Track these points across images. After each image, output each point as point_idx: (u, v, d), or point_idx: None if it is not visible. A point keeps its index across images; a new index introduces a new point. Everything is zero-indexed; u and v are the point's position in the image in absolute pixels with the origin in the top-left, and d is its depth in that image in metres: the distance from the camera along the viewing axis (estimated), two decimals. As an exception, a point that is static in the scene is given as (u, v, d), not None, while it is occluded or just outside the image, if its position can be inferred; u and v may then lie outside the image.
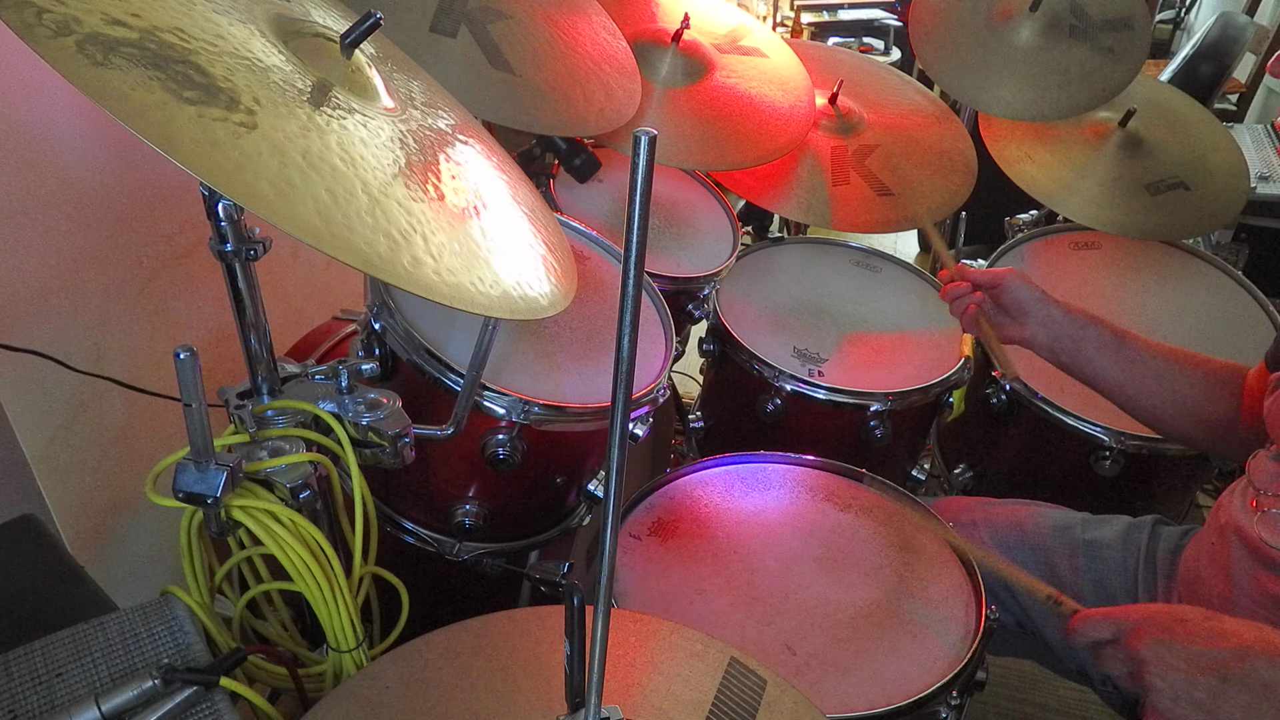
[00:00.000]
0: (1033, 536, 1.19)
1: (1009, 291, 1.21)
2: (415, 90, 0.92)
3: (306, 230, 0.62)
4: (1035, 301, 1.19)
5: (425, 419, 0.99)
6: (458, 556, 1.22)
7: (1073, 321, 1.18)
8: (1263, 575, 0.94)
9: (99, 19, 0.60)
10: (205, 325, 1.48)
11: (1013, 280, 1.21)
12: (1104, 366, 1.16)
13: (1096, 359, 1.17)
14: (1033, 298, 1.19)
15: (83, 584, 0.98)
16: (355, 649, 0.90)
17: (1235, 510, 0.99)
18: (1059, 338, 1.18)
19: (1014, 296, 1.20)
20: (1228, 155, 1.76)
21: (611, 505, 0.53)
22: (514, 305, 0.79)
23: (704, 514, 1.11)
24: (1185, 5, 4.90)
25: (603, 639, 0.56)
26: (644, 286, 1.11)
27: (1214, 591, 1.00)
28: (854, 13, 4.62)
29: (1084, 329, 1.17)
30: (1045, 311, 1.19)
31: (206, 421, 0.76)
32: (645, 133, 0.42)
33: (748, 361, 1.43)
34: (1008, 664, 1.60)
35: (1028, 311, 1.20)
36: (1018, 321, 1.21)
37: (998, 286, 1.22)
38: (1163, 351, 1.15)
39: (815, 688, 0.89)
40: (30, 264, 1.18)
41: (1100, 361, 1.16)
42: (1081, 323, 1.18)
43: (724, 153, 1.53)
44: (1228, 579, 0.98)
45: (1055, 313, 1.19)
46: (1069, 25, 1.70)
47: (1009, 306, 1.22)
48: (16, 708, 0.72)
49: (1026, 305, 1.20)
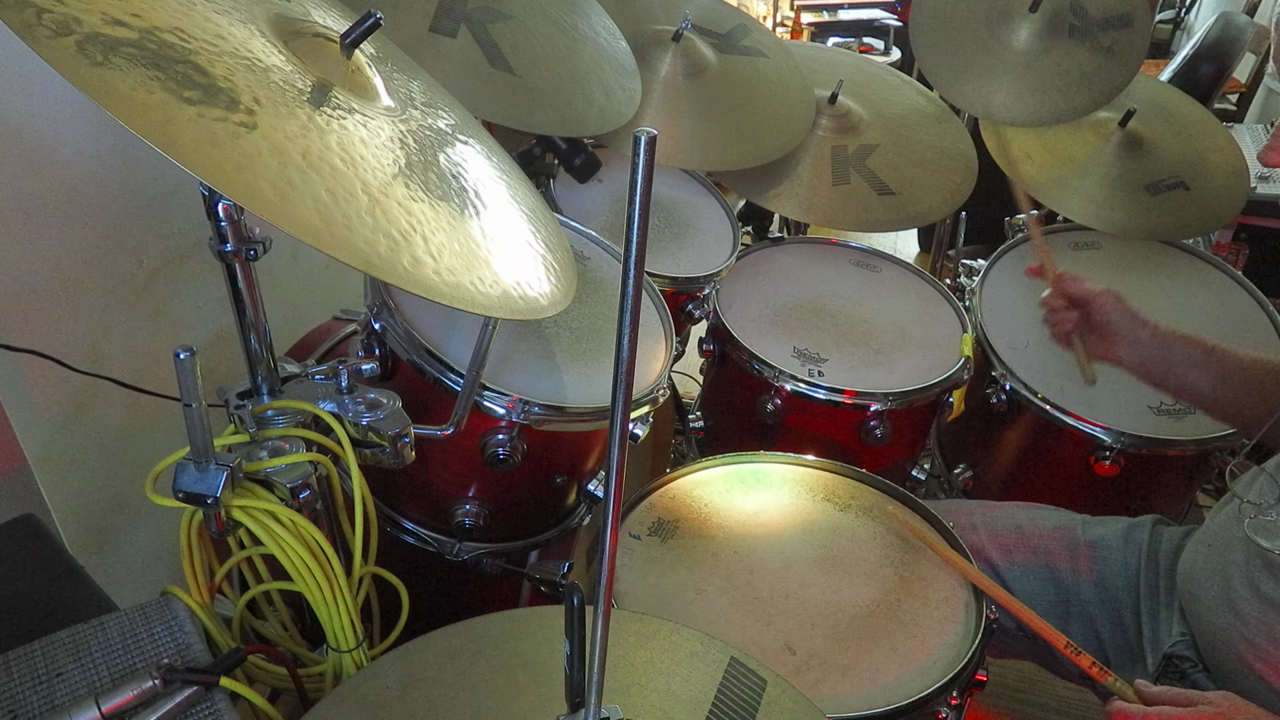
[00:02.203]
0: (1033, 538, 1.19)
1: (1101, 311, 1.24)
2: (415, 90, 0.92)
3: (306, 230, 0.62)
4: (1126, 324, 1.23)
5: (425, 419, 0.99)
6: (458, 556, 1.22)
7: (1160, 343, 1.21)
8: (1257, 576, 0.94)
9: (99, 19, 0.60)
10: (205, 325, 1.48)
11: (1106, 300, 1.24)
12: (1195, 381, 1.19)
13: (1188, 375, 1.19)
14: (1124, 320, 1.23)
15: (83, 584, 0.98)
16: (355, 649, 0.90)
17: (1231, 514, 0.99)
18: (1149, 359, 1.21)
19: (1105, 317, 1.24)
20: (1228, 155, 1.76)
21: (611, 505, 0.53)
22: (514, 305, 0.79)
23: (704, 514, 1.11)
24: (1185, 5, 4.90)
25: (603, 639, 0.56)
26: (644, 286, 1.11)
27: (1212, 595, 1.00)
28: (854, 13, 4.63)
29: (1171, 349, 1.20)
30: (1134, 334, 1.22)
31: (206, 421, 0.76)
32: (645, 133, 0.42)
33: (748, 361, 1.43)
34: (1008, 664, 1.60)
35: (1117, 332, 1.23)
36: (1106, 340, 1.25)
37: (1090, 305, 1.25)
38: (1250, 361, 1.17)
39: (815, 688, 0.89)
40: (30, 264, 1.18)
41: (1191, 377, 1.19)
42: (1169, 343, 1.20)
43: (724, 153, 1.53)
44: (1224, 581, 0.98)
45: (1143, 335, 1.22)
46: (1068, 25, 1.70)
47: (1099, 325, 1.25)
48: (16, 708, 0.72)
49: (1117, 327, 1.23)
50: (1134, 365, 1.23)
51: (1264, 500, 0.96)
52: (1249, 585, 0.94)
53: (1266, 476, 0.99)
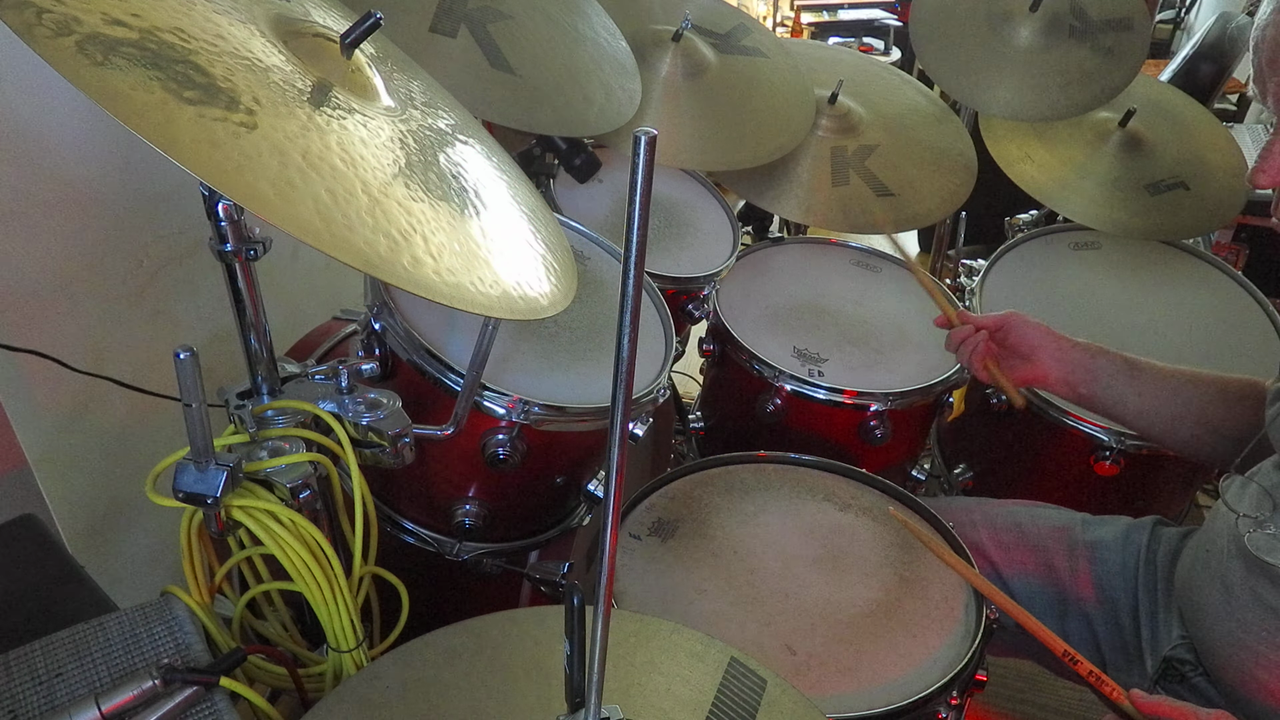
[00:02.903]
0: (1032, 537, 1.19)
1: (1015, 330, 1.18)
2: (415, 90, 0.92)
3: (306, 230, 0.62)
4: (1044, 337, 1.17)
5: (425, 419, 0.99)
6: (458, 556, 1.22)
7: (1084, 351, 1.16)
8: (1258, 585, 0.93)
9: (99, 19, 0.60)
10: (205, 325, 1.48)
11: (1017, 320, 1.18)
12: (1122, 394, 1.14)
13: (1114, 387, 1.14)
14: (1040, 334, 1.17)
15: (83, 584, 0.98)
16: (355, 649, 0.90)
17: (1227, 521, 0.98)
18: (1074, 370, 1.16)
19: (1021, 336, 1.18)
20: (1227, 155, 1.76)
21: (611, 505, 0.53)
22: (514, 305, 0.79)
23: (704, 514, 1.11)
24: (1185, 5, 4.90)
25: (603, 639, 0.56)
26: (644, 286, 1.11)
27: (1212, 602, 0.99)
28: (854, 13, 4.63)
29: (1096, 358, 1.15)
30: (1055, 346, 1.17)
31: (206, 421, 0.76)
32: (645, 132, 0.42)
33: (748, 361, 1.43)
34: (1008, 664, 1.60)
35: (1037, 347, 1.17)
36: (1029, 361, 1.19)
37: (1002, 328, 1.19)
38: (1176, 373, 1.13)
39: (815, 688, 0.89)
40: (30, 264, 1.18)
41: (1118, 389, 1.14)
42: (1093, 351, 1.16)
43: (724, 153, 1.53)
44: (1224, 588, 0.97)
45: (1065, 345, 1.16)
46: (1069, 25, 1.70)
47: (1017, 346, 1.19)
48: (16, 708, 0.72)
49: (1035, 342, 1.17)
50: (1061, 380, 1.17)
51: (1260, 514, 0.94)
52: (1251, 593, 0.93)
53: (1257, 487, 0.96)
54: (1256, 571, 0.93)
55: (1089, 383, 1.16)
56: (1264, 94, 0.88)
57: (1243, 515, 0.95)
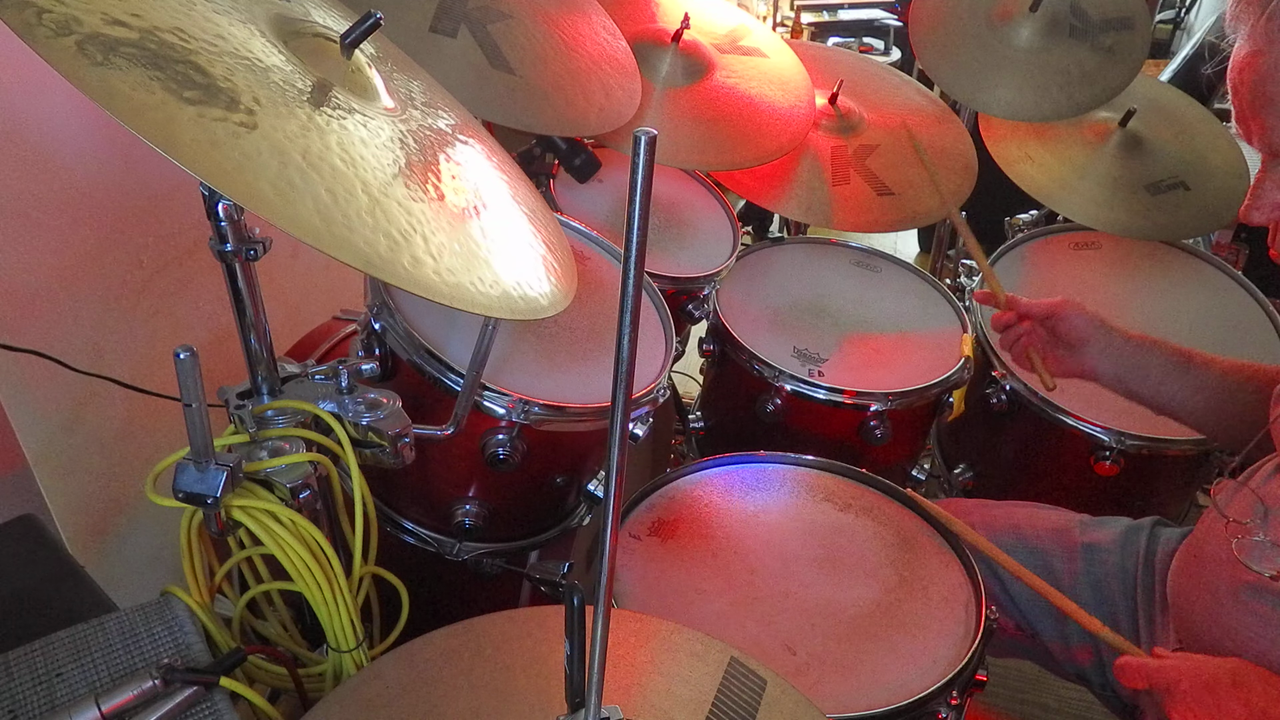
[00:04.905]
0: (1030, 538, 1.19)
1: (1066, 321, 1.15)
2: (415, 90, 0.92)
3: (306, 230, 0.62)
4: (1096, 330, 1.13)
5: (425, 419, 0.99)
6: (458, 556, 1.22)
7: (1136, 347, 1.12)
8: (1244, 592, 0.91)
9: (99, 19, 0.60)
10: (205, 325, 1.48)
11: (1069, 310, 1.14)
12: (1174, 390, 1.10)
13: (1166, 383, 1.11)
14: (1092, 327, 1.13)
15: (83, 584, 0.98)
16: (355, 649, 0.90)
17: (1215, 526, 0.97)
18: (1125, 366, 1.12)
19: (1072, 326, 1.14)
20: (1227, 155, 1.76)
21: (611, 505, 0.53)
22: (514, 305, 0.79)
23: (704, 514, 1.11)
24: (1185, 5, 4.90)
25: (603, 639, 0.56)
26: (644, 286, 1.11)
27: (1198, 605, 0.98)
28: (854, 13, 4.62)
29: (1148, 354, 1.11)
30: (1107, 340, 1.13)
31: (206, 421, 0.76)
32: (645, 133, 0.42)
33: (748, 361, 1.43)
34: (1008, 664, 1.60)
35: (1088, 341, 1.14)
36: (1077, 353, 1.15)
37: (1053, 318, 1.15)
38: (1226, 367, 1.10)
39: (815, 688, 0.89)
40: (30, 264, 1.18)
41: (1169, 386, 1.10)
42: (1145, 347, 1.12)
43: (724, 153, 1.53)
44: (1212, 594, 0.96)
45: (1117, 340, 1.13)
46: (1069, 25, 1.70)
47: (1067, 337, 1.15)
48: (16, 708, 0.72)
49: (1086, 335, 1.14)
50: (1111, 375, 1.14)
51: (1252, 520, 0.92)
52: (1237, 601, 0.92)
53: (1248, 492, 0.95)
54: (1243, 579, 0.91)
55: (1139, 379, 1.12)
56: (1248, 134, 0.84)
57: (1232, 521, 0.93)
